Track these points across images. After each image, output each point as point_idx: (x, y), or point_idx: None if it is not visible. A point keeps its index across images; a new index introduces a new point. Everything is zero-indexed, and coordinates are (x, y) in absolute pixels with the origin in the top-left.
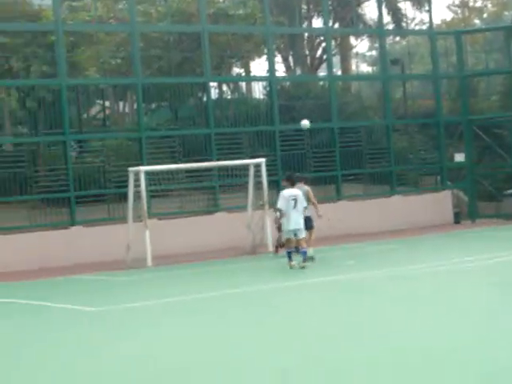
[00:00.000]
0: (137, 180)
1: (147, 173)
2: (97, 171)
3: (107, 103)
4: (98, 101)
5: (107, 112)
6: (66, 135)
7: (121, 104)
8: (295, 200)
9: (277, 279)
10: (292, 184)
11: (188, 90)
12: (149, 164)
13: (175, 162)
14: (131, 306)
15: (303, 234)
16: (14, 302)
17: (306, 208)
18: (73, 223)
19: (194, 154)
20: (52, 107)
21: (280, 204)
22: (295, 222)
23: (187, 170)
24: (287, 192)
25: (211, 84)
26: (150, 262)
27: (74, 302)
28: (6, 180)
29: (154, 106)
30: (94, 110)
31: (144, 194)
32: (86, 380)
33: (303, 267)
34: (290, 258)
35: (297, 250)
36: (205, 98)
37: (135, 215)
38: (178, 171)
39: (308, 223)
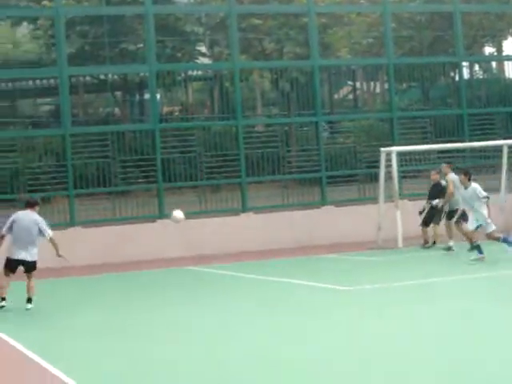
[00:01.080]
0: (388, 160)
1: (398, 153)
2: (348, 152)
3: (358, 84)
4: (349, 81)
5: (358, 93)
6: (318, 116)
7: (371, 84)
8: None
9: None
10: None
11: (439, 70)
12: (399, 144)
13: (426, 143)
14: (382, 287)
15: None
16: (273, 280)
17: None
18: (324, 203)
19: (445, 135)
20: (304, 88)
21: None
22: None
23: (438, 151)
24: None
25: (462, 64)
26: (400, 242)
27: (328, 280)
28: (258, 160)
29: (404, 86)
30: (344, 91)
31: (395, 174)
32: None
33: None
34: (481, 249)
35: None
36: (457, 78)
37: (386, 195)
38: (429, 152)
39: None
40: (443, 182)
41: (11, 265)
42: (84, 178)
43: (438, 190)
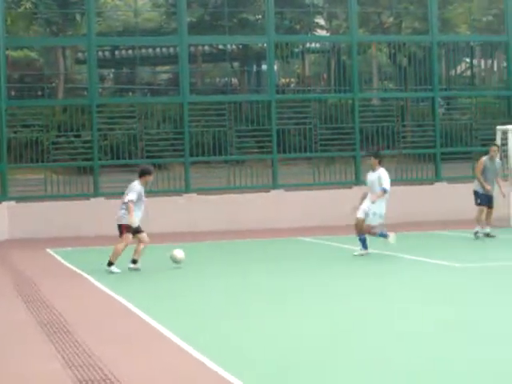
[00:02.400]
0: (504, 139)
1: None
2: (463, 128)
3: (475, 61)
4: (467, 58)
5: (475, 70)
6: (435, 92)
7: (489, 62)
8: None
9: None
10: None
11: None
12: None
13: None
14: (492, 265)
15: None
16: (384, 254)
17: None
18: (437, 179)
19: None
20: (422, 63)
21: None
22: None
23: None
24: None
25: None
26: None
27: (440, 257)
28: (373, 133)
29: None
30: (460, 68)
31: (511, 152)
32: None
33: None
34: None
35: None
36: None
37: (501, 174)
38: None
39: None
40: None
41: None
42: (200, 146)
43: None
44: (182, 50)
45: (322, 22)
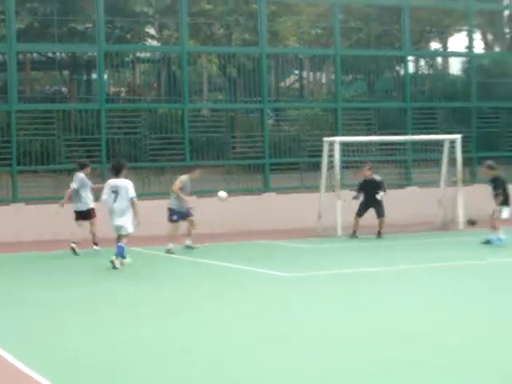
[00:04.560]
0: (331, 150)
1: (341, 143)
2: (292, 140)
3: (304, 73)
4: (296, 70)
5: (304, 82)
6: (264, 103)
7: (317, 74)
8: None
9: (468, 256)
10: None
11: (385, 63)
12: (343, 135)
13: (369, 134)
14: (315, 274)
15: None
16: (209, 263)
17: None
18: (266, 190)
19: (388, 127)
20: (251, 75)
21: None
22: None
23: (381, 143)
24: None
25: (408, 58)
26: (340, 231)
27: (266, 266)
28: (203, 144)
29: (350, 77)
30: (290, 80)
31: (338, 164)
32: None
33: None
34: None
35: None
36: (402, 72)
37: (328, 185)
38: (371, 143)
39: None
40: (377, 177)
41: None
42: (28, 155)
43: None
44: (10, 57)
45: (152, 31)
